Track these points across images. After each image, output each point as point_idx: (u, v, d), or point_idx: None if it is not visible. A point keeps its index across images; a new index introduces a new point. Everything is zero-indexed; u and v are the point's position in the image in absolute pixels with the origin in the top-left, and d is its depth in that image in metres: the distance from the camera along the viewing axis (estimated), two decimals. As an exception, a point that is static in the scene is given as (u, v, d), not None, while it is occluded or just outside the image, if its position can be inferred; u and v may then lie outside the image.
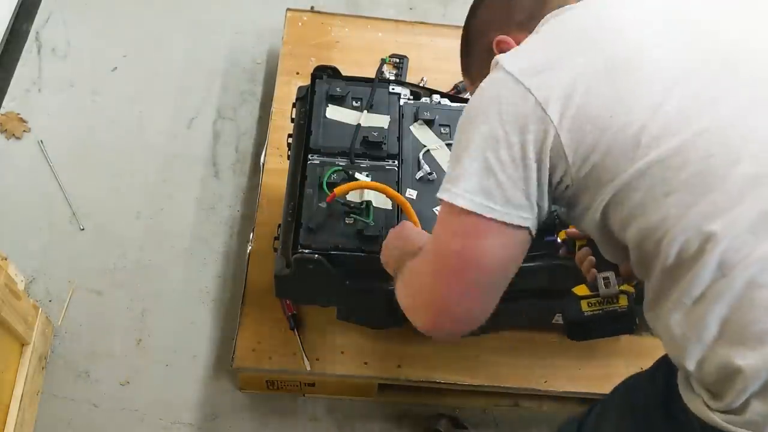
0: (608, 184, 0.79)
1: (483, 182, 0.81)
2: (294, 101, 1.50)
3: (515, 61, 0.84)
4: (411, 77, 1.89)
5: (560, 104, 0.78)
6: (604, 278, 1.00)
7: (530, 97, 0.79)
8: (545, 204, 0.84)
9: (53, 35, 2.12)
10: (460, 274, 0.84)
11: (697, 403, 0.78)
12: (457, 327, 0.87)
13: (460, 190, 0.82)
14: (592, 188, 0.81)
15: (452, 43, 2.01)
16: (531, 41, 0.89)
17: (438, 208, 1.28)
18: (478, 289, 0.85)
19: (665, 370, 0.86)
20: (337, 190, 1.27)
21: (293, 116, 1.48)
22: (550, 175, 0.81)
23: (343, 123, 1.42)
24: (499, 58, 0.85)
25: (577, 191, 0.83)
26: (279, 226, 1.36)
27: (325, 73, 1.49)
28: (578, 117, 0.78)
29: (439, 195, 0.85)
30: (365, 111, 1.43)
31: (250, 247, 1.60)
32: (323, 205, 1.27)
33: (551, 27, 0.89)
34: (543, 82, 0.80)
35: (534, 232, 0.84)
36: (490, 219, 0.81)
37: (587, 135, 0.78)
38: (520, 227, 0.82)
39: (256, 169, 1.90)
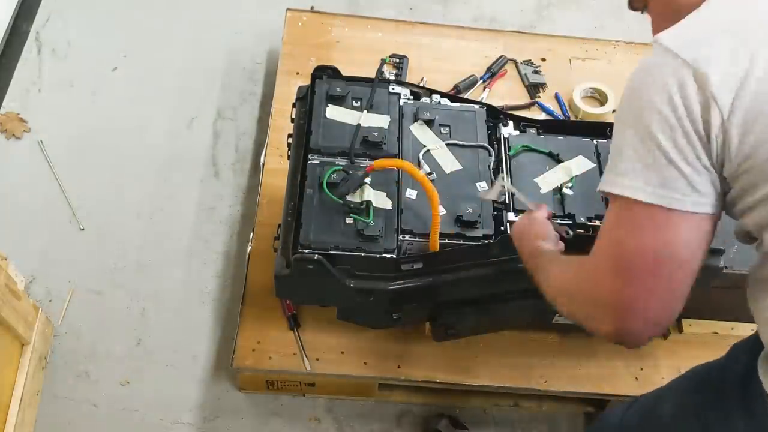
0: (759, 190, 0.77)
1: (664, 173, 0.77)
2: (294, 101, 1.50)
3: (679, 36, 0.78)
4: (411, 77, 1.89)
5: (732, 95, 0.74)
6: None
7: (698, 81, 0.75)
8: (726, 184, 0.80)
9: (53, 35, 2.12)
10: (652, 271, 0.79)
11: None
12: (647, 329, 0.82)
13: (639, 183, 0.78)
14: (741, 182, 0.79)
15: (452, 43, 2.06)
16: (703, 9, 0.81)
17: (441, 210, 1.29)
18: (671, 284, 0.80)
19: (746, 357, 0.86)
20: (376, 163, 1.27)
21: (293, 116, 1.48)
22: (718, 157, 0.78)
23: (343, 123, 1.41)
24: (662, 37, 0.80)
25: (726, 176, 0.80)
26: (279, 226, 1.36)
27: (325, 73, 1.49)
28: (747, 116, 0.75)
29: (608, 189, 0.82)
30: (365, 111, 1.43)
31: (250, 247, 1.60)
32: (360, 172, 1.28)
33: None
34: (714, 66, 0.75)
35: (719, 216, 0.81)
36: (678, 210, 0.78)
37: (753, 135, 0.75)
38: (708, 214, 0.79)
39: (256, 169, 1.90)
